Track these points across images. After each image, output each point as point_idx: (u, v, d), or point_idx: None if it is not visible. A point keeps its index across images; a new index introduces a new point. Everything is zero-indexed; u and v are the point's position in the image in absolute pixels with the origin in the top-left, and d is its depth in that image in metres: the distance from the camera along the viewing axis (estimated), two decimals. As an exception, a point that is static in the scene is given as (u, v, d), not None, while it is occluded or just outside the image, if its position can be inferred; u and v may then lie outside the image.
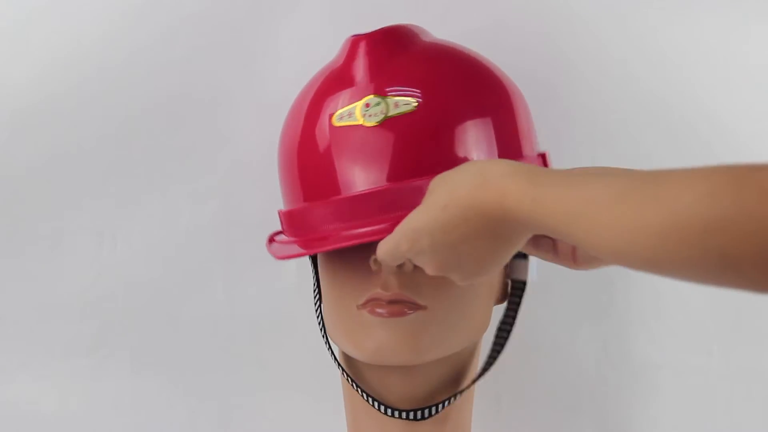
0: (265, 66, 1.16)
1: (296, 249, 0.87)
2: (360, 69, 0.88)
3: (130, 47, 1.16)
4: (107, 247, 1.19)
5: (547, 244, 0.80)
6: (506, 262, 0.72)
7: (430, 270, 0.74)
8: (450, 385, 0.93)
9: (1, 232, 1.19)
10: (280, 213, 0.94)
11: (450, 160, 0.83)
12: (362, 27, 0.92)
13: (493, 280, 0.93)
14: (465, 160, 0.84)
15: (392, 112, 0.84)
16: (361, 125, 0.84)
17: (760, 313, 1.14)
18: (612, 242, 0.57)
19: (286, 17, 1.15)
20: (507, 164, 0.66)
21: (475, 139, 0.85)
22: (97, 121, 1.17)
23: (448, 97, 0.86)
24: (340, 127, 0.85)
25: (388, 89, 0.85)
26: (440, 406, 0.91)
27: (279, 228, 0.96)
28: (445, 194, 0.69)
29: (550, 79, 1.13)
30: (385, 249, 0.75)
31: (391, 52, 0.89)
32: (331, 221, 0.85)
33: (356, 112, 0.85)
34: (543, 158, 0.91)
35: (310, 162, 0.88)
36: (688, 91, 1.12)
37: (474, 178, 0.67)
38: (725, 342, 1.15)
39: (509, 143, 0.88)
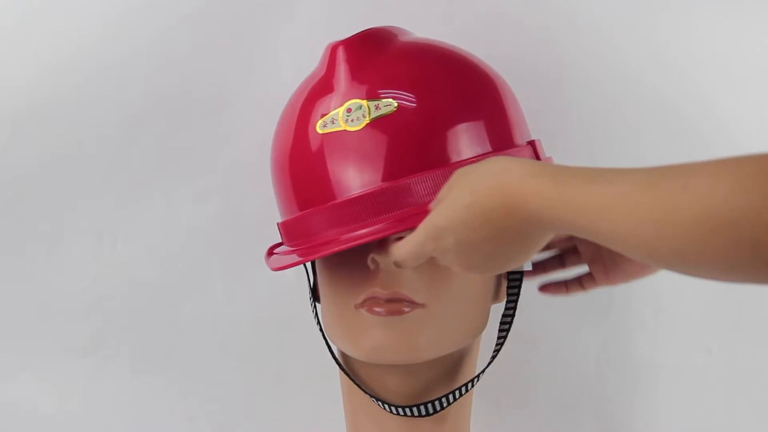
0: (265, 66, 1.16)
1: (294, 258, 0.87)
2: (339, 75, 0.89)
3: (130, 47, 1.16)
4: (107, 247, 1.19)
5: (586, 278, 0.86)
6: (530, 259, 0.73)
7: (456, 268, 0.74)
8: (448, 383, 0.93)
9: (1, 232, 1.19)
10: (278, 225, 0.94)
11: (440, 154, 0.84)
12: (361, 27, 0.91)
13: (488, 277, 0.93)
14: (456, 153, 0.84)
15: (374, 114, 0.84)
16: (344, 131, 0.85)
17: (760, 313, 1.14)
18: (640, 235, 0.57)
19: (286, 17, 1.15)
20: (530, 164, 0.66)
21: (463, 131, 0.85)
22: (98, 121, 1.17)
23: (428, 93, 0.86)
24: (326, 134, 0.86)
25: (368, 93, 0.86)
26: (440, 401, 0.90)
27: (278, 232, 0.96)
28: (468, 193, 0.69)
29: (550, 76, 1.13)
30: (408, 249, 0.75)
31: (369, 56, 0.89)
32: (328, 226, 0.85)
33: (339, 118, 0.86)
34: (533, 146, 0.90)
35: (301, 171, 0.89)
36: (689, 89, 1.12)
37: (497, 178, 0.66)
38: (725, 342, 1.15)
39: (498, 133, 0.88)
